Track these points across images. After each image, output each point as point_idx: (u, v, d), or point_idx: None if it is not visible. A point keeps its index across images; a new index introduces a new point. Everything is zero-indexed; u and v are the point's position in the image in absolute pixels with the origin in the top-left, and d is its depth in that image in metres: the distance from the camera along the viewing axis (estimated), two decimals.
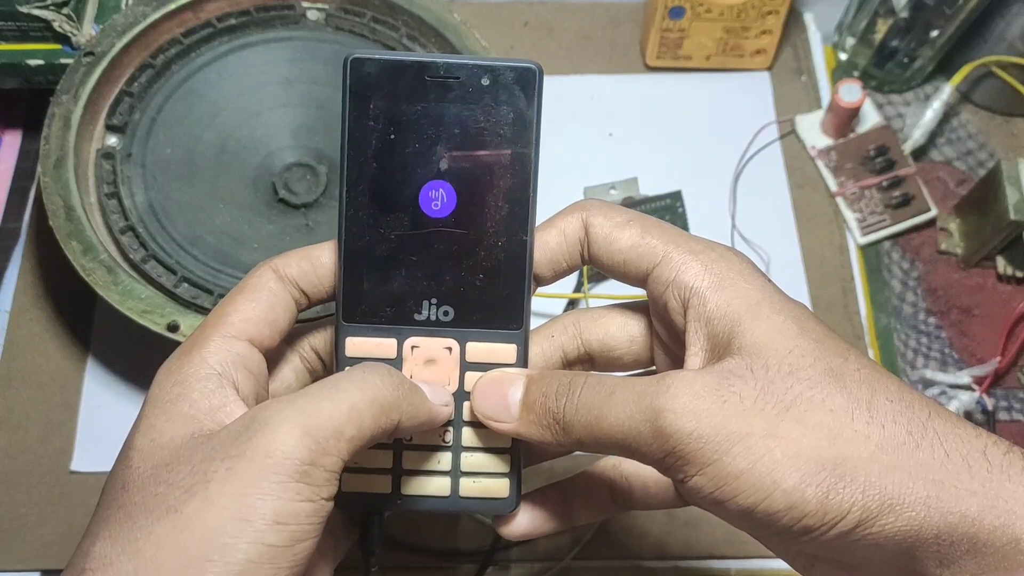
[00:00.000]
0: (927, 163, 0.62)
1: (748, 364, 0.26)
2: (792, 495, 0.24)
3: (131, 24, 0.52)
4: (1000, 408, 0.54)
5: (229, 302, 0.30)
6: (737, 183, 0.60)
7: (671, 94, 0.63)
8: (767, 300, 0.28)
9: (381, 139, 0.29)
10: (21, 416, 0.51)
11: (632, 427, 0.26)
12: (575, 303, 0.55)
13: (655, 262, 0.29)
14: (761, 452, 0.25)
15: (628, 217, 0.30)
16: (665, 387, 0.26)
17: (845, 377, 0.26)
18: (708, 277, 0.28)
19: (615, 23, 0.66)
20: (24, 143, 0.61)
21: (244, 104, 0.53)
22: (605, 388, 0.27)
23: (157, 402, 0.27)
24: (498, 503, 0.32)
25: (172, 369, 0.28)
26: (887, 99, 0.64)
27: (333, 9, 0.56)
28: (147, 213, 0.49)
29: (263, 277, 0.30)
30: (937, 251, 0.59)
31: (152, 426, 0.27)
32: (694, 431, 0.25)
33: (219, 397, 0.27)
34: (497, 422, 0.30)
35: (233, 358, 0.28)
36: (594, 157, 0.60)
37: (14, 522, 0.49)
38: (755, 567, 0.50)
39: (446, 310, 0.31)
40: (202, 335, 0.29)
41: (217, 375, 0.28)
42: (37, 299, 0.55)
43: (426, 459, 0.32)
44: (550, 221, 0.31)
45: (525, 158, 0.30)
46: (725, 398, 0.26)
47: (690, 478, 0.26)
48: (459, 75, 0.29)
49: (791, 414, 0.25)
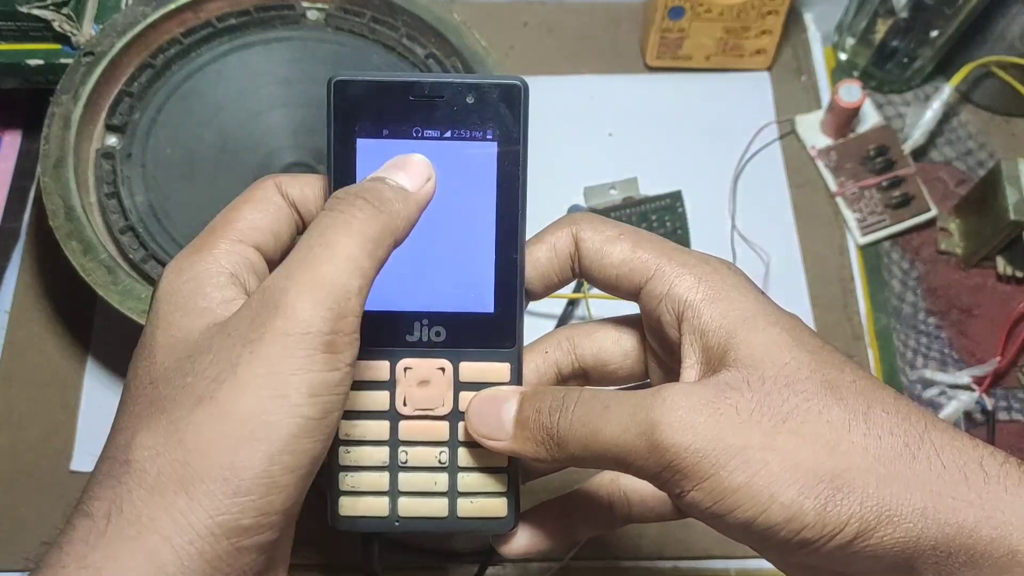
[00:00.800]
0: (927, 163, 0.62)
1: (744, 376, 0.26)
2: (790, 508, 0.24)
3: (131, 24, 0.52)
4: (1000, 408, 0.54)
5: (235, 209, 0.29)
6: (737, 183, 0.60)
7: (671, 94, 0.63)
8: (762, 312, 0.28)
9: (366, 160, 0.29)
10: (21, 416, 0.52)
11: (628, 441, 0.26)
12: (575, 303, 0.55)
13: (648, 276, 0.29)
14: (758, 465, 0.25)
15: (619, 231, 0.30)
16: (661, 400, 0.26)
17: (841, 389, 0.26)
18: (702, 290, 0.28)
19: (615, 23, 0.65)
20: (24, 143, 0.61)
21: (244, 104, 0.53)
22: (600, 402, 0.27)
23: (171, 298, 0.27)
24: (496, 523, 0.32)
25: (183, 267, 0.28)
26: (887, 99, 0.64)
27: (333, 9, 0.56)
28: (147, 213, 0.49)
29: (268, 191, 0.30)
30: (937, 251, 0.59)
31: (170, 322, 0.27)
32: (690, 445, 0.25)
33: (232, 291, 0.27)
34: (492, 440, 0.30)
35: (243, 261, 0.28)
36: (594, 157, 0.60)
37: (14, 522, 0.49)
38: (754, 567, 0.50)
39: (438, 330, 0.31)
40: (211, 237, 0.29)
41: (229, 273, 0.28)
42: (37, 299, 0.55)
43: (423, 480, 0.31)
44: (540, 236, 0.31)
45: (513, 176, 0.30)
46: (721, 411, 0.25)
47: (687, 493, 0.26)
48: (444, 94, 0.29)
49: (788, 426, 0.25)
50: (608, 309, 0.55)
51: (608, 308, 0.55)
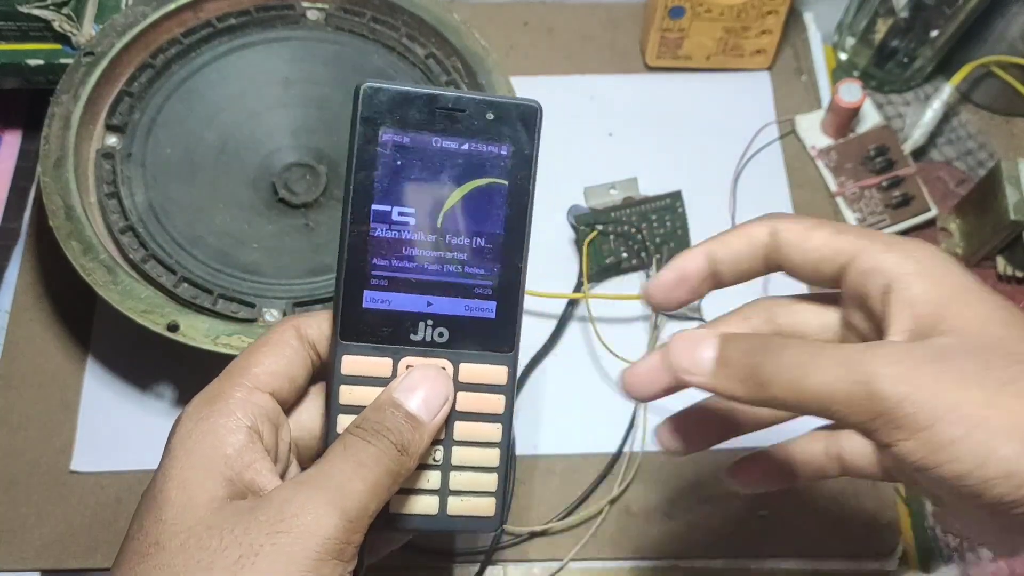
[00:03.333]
0: (927, 163, 0.62)
1: (961, 342, 0.26)
2: (1010, 463, 0.24)
3: (131, 24, 0.52)
4: None
5: (252, 354, 0.31)
6: (737, 183, 0.60)
7: (671, 94, 0.63)
8: (974, 288, 0.28)
9: (387, 165, 0.30)
10: (21, 416, 0.52)
11: (840, 389, 0.26)
12: (575, 303, 0.55)
13: (853, 255, 0.29)
14: (977, 420, 0.25)
15: (818, 220, 0.31)
16: (880, 353, 0.26)
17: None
18: (910, 264, 0.28)
19: (615, 23, 0.66)
20: (24, 143, 0.61)
21: (244, 104, 0.53)
22: (809, 349, 0.28)
23: (189, 453, 0.28)
24: (484, 522, 0.33)
25: (202, 416, 0.29)
26: (887, 99, 0.64)
27: (333, 9, 0.56)
28: (147, 213, 0.49)
29: (286, 334, 0.31)
30: None
31: (186, 479, 0.28)
32: (908, 395, 0.25)
33: (250, 453, 0.29)
34: (691, 375, 0.30)
35: (259, 411, 0.30)
36: (594, 157, 0.60)
37: (14, 522, 0.49)
38: (755, 567, 0.50)
39: (441, 331, 0.31)
40: (228, 383, 0.30)
41: (247, 428, 0.29)
42: (37, 299, 0.55)
43: (415, 478, 0.32)
44: (734, 229, 0.32)
45: (524, 190, 0.31)
46: (942, 368, 0.26)
47: (899, 443, 0.26)
48: (466, 108, 0.31)
49: (1011, 389, 0.25)
50: (610, 309, 0.55)
51: (609, 308, 0.55)
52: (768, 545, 0.50)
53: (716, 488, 0.51)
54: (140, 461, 0.50)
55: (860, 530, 0.50)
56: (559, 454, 0.52)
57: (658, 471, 0.52)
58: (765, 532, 0.50)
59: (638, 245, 0.55)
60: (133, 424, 0.51)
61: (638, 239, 0.55)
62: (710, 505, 0.51)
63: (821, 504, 0.51)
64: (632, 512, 0.51)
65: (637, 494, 0.51)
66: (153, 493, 0.28)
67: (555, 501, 0.51)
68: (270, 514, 0.27)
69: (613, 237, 0.55)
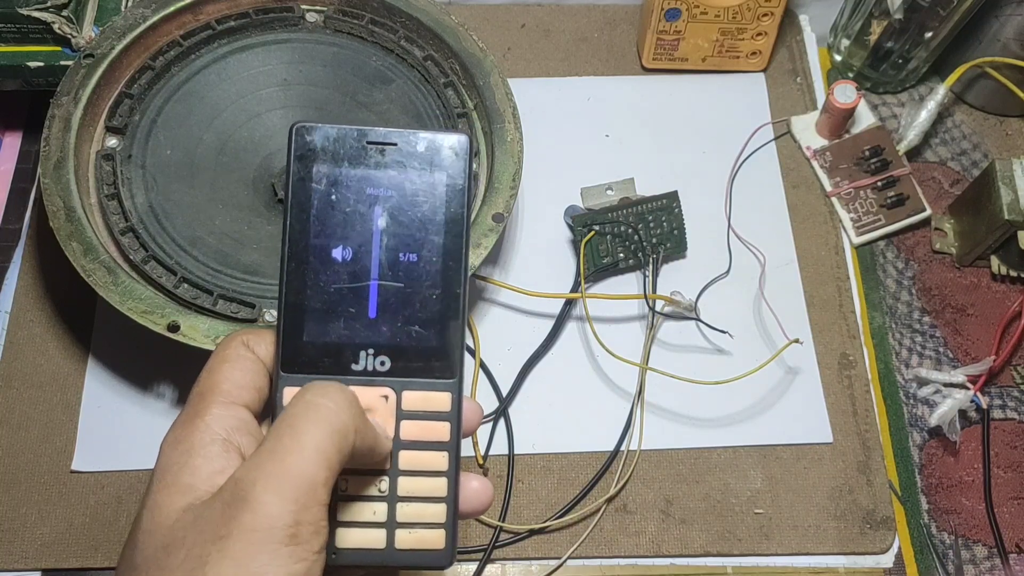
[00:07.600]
0: (921, 163, 0.62)
1: None
2: None
3: (131, 26, 0.52)
4: (995, 406, 0.55)
5: (215, 372, 0.30)
6: (733, 183, 0.60)
7: (667, 95, 0.64)
8: None
9: (322, 199, 0.31)
10: (21, 416, 0.52)
11: None
12: (572, 303, 0.55)
13: None
14: None
15: None
16: None
17: None
18: None
19: (611, 25, 0.66)
20: (24, 145, 0.61)
21: (243, 106, 0.53)
22: None
23: (163, 474, 0.28)
24: (434, 555, 0.32)
25: (179, 438, 0.29)
26: (882, 100, 0.64)
27: (332, 11, 0.56)
28: (147, 214, 0.49)
29: (239, 349, 0.31)
30: (931, 251, 0.59)
31: (156, 503, 0.28)
32: None
33: (222, 461, 0.28)
34: None
35: (236, 423, 0.29)
36: (591, 158, 0.60)
37: (14, 522, 0.49)
38: (751, 564, 0.50)
39: (383, 360, 0.31)
40: (201, 403, 0.30)
41: (222, 440, 0.29)
42: (38, 300, 0.55)
43: (361, 510, 0.31)
44: None
45: (458, 218, 0.32)
46: None
47: None
48: (396, 142, 0.31)
49: None
50: (607, 309, 0.55)
51: (606, 308, 0.56)
52: (764, 543, 0.50)
53: (712, 486, 0.51)
54: (140, 461, 0.50)
55: (856, 528, 0.51)
56: (557, 452, 0.52)
57: (655, 470, 0.52)
58: (761, 530, 0.50)
59: (635, 245, 0.56)
60: (133, 424, 0.52)
61: (635, 239, 0.56)
62: (706, 503, 0.51)
63: (817, 502, 0.51)
64: (629, 510, 0.51)
65: (634, 492, 0.51)
66: (136, 519, 0.28)
67: (553, 499, 0.51)
68: (213, 515, 0.26)
69: (610, 237, 0.56)
